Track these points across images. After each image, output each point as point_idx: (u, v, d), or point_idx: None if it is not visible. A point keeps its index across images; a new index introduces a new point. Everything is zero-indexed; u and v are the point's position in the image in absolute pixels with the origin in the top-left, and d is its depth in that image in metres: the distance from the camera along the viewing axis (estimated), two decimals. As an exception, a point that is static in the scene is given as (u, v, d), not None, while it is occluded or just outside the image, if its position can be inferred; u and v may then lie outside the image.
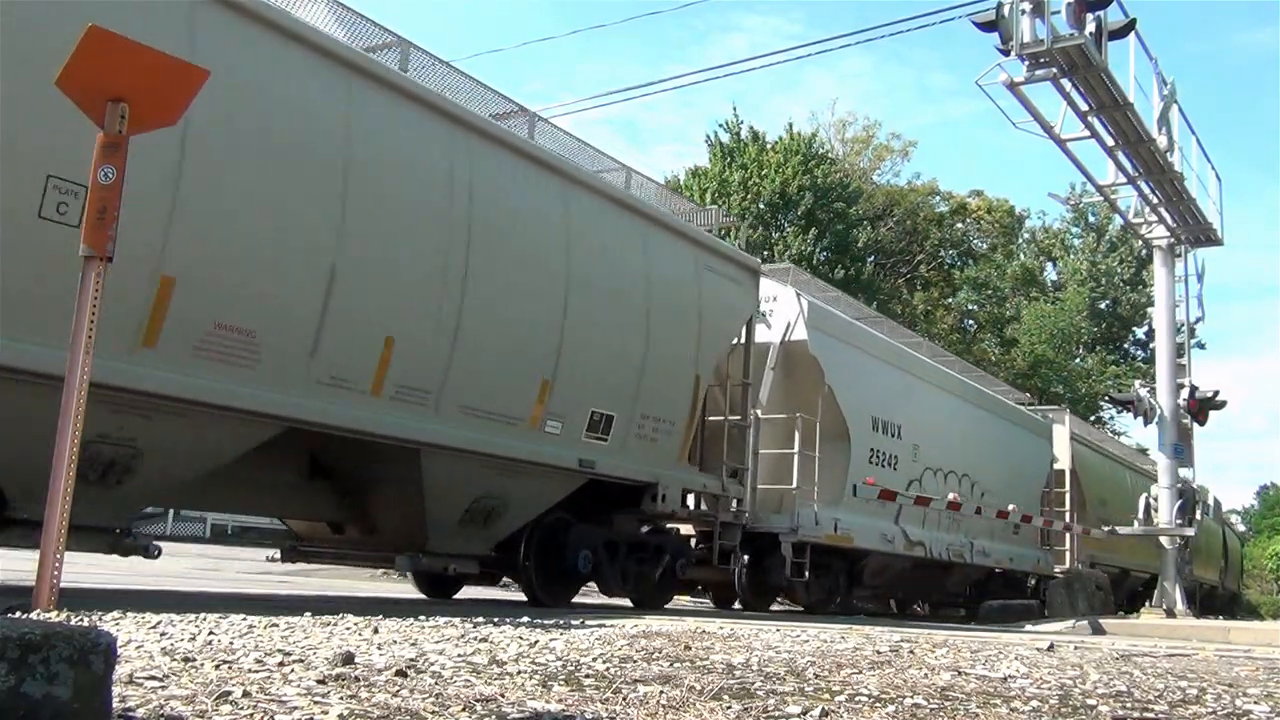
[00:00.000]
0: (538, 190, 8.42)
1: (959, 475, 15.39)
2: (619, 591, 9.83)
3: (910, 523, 13.83)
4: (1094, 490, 21.28)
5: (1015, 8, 11.60)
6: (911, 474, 13.96)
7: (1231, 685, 4.19)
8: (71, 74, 4.42)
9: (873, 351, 13.62)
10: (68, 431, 4.39)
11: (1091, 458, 22.08)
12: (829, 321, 12.58)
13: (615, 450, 9.14)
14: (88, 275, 4.47)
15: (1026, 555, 17.84)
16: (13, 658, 1.74)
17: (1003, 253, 42.59)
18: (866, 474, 12.66)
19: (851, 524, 12.33)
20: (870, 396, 13.15)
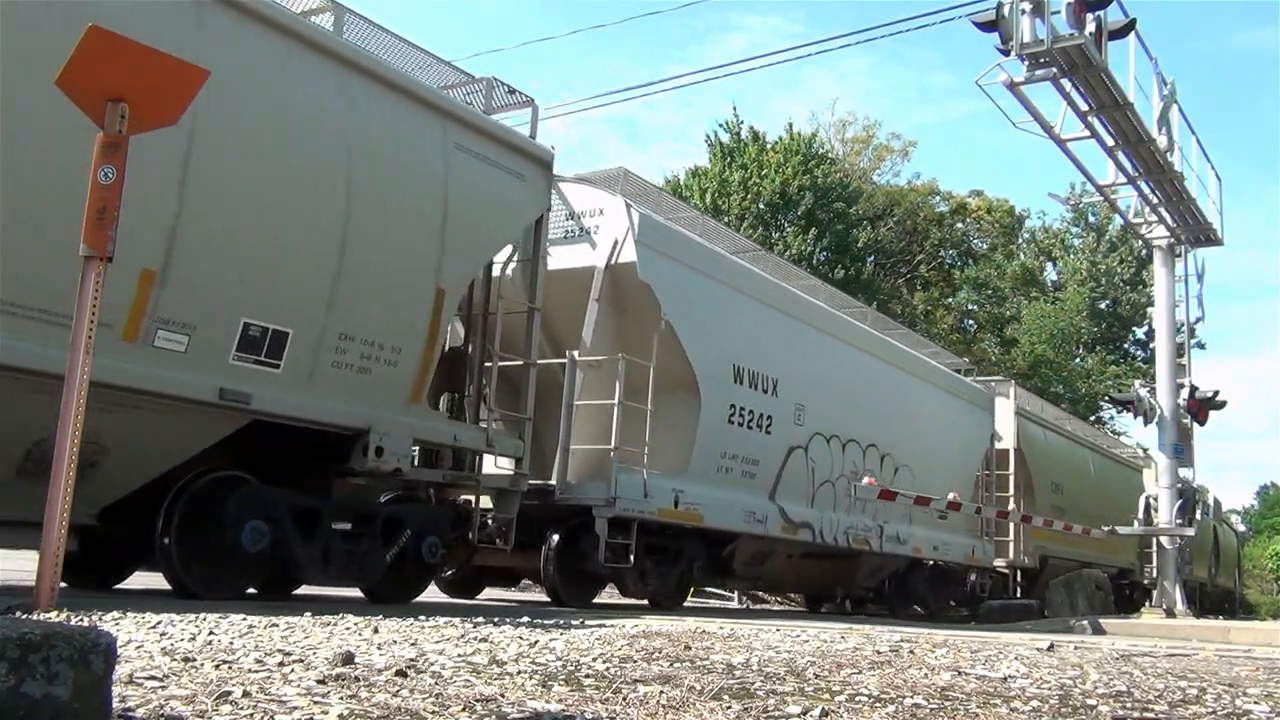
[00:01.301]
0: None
1: (862, 446, 13.11)
2: (322, 578, 7.44)
3: (791, 499, 11.54)
4: (1044, 473, 19.10)
5: (1015, 8, 11.60)
6: (792, 439, 11.57)
7: (1231, 685, 4.19)
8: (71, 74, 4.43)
9: (737, 285, 11.08)
10: (68, 431, 4.39)
11: (1042, 436, 19.74)
12: (669, 241, 10.07)
13: (294, 381, 6.76)
14: (88, 275, 4.47)
15: (956, 544, 15.49)
16: (13, 658, 1.74)
17: (1003, 253, 42.60)
18: (724, 435, 10.48)
19: (702, 498, 10.03)
20: (732, 340, 10.71)
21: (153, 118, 4.71)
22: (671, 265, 9.95)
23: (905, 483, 13.56)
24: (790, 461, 11.58)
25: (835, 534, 12.37)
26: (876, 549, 13.29)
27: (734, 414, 10.67)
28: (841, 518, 12.55)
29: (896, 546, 13.74)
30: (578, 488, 9.16)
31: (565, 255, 9.69)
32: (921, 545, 14.39)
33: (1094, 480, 21.75)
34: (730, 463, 10.60)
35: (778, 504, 11.37)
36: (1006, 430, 17.73)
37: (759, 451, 11.00)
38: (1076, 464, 21.26)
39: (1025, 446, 18.27)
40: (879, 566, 14.32)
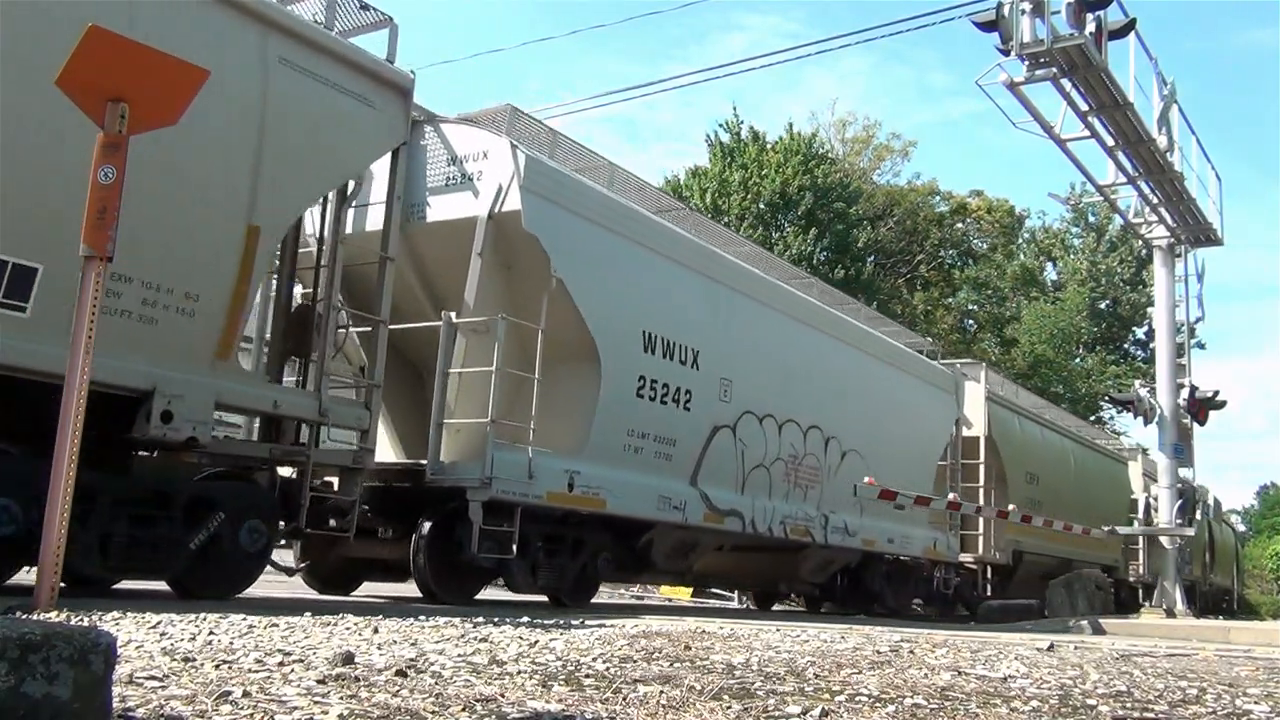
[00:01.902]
0: None
1: (803, 428, 11.80)
2: (100, 569, 6.29)
3: (716, 484, 10.35)
4: (1018, 463, 17.77)
5: (1015, 8, 11.60)
6: (717, 418, 10.36)
7: (1231, 685, 4.19)
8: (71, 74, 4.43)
9: (650, 243, 9.77)
10: (68, 431, 4.39)
11: (1017, 424, 18.33)
12: (564, 188, 8.83)
13: (45, 329, 5.54)
14: (88, 275, 4.48)
15: (915, 537, 14.19)
16: (13, 658, 1.74)
17: (1003, 253, 42.62)
18: (632, 411, 9.32)
19: (605, 481, 8.89)
20: (642, 304, 9.53)
21: (153, 118, 4.71)
22: (566, 216, 8.70)
23: (853, 469, 12.52)
24: (715, 442, 10.31)
25: (770, 524, 11.08)
26: (820, 541, 11.98)
27: (644, 387, 9.37)
28: (778, 506, 11.26)
29: (844, 539, 12.44)
30: (451, 468, 8.06)
31: (446, 205, 8.61)
32: (874, 538, 13.11)
33: (1075, 472, 20.64)
34: (640, 442, 9.37)
35: (700, 489, 10.12)
36: (976, 416, 16.46)
37: (676, 430, 9.78)
38: (1055, 455, 20.00)
39: (997, 434, 16.99)
40: (827, 560, 13.12)
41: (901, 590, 14.61)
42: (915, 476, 14.01)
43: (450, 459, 8.18)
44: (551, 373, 8.57)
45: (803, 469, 11.83)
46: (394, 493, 8.36)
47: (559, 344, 8.59)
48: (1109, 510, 20.92)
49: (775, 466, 11.32)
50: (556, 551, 9.02)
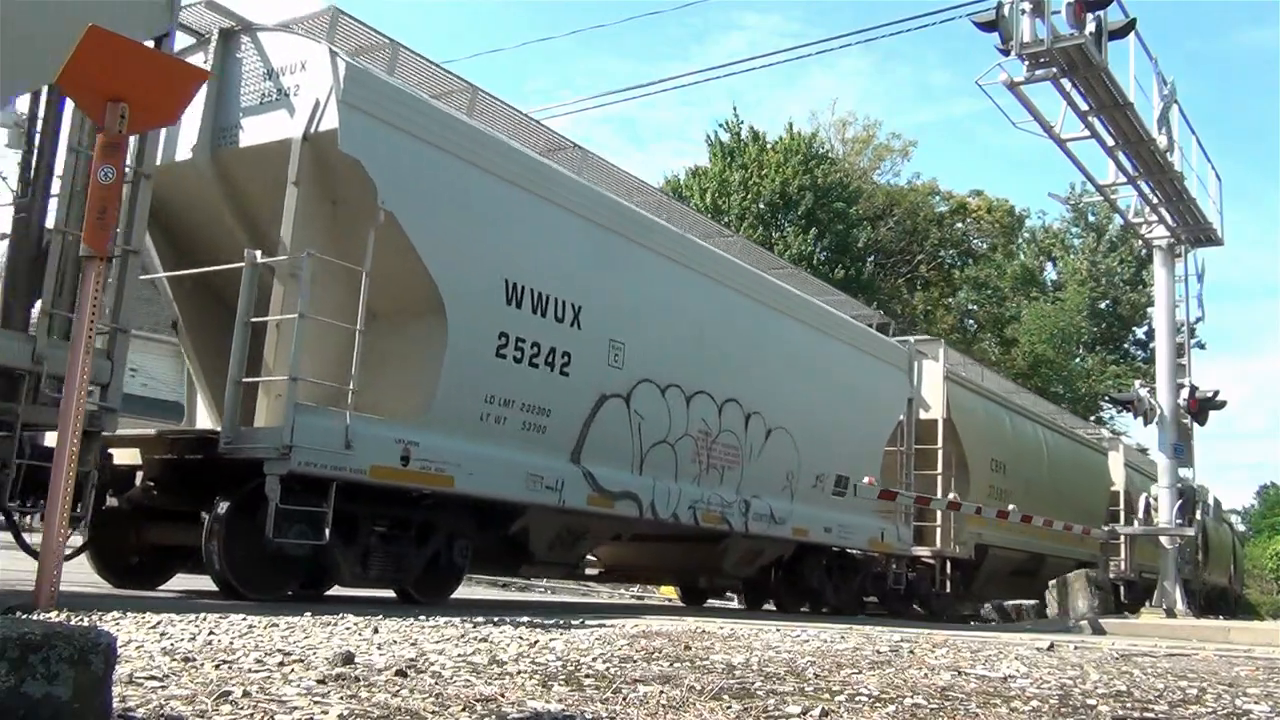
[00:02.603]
0: None
1: (718, 401, 10.46)
2: None
3: (605, 462, 9.02)
4: (982, 449, 16.36)
5: (1015, 8, 11.60)
6: (606, 385, 9.08)
7: (1231, 685, 4.19)
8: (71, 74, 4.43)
9: (519, 178, 8.32)
10: (68, 431, 4.39)
11: (981, 407, 16.81)
12: (397, 105, 7.38)
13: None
14: (88, 275, 4.48)
15: (858, 527, 12.75)
16: (13, 658, 1.74)
17: (1003, 253, 42.64)
18: (492, 374, 7.94)
19: (454, 454, 7.60)
20: (506, 249, 8.19)
21: (153, 118, 4.72)
22: (401, 138, 7.30)
23: (780, 450, 11.34)
24: (603, 414, 9.00)
25: (675, 509, 9.78)
26: (739, 529, 10.70)
27: (507, 346, 8.04)
28: (685, 489, 9.94)
29: (771, 527, 11.13)
30: (249, 436, 6.80)
31: (260, 126, 7.35)
32: (807, 526, 11.75)
33: (1048, 461, 19.29)
34: (504, 411, 8.05)
35: (584, 468, 8.80)
36: (934, 397, 15.09)
37: (551, 398, 8.47)
38: (1025, 442, 18.48)
39: (957, 417, 15.49)
40: (755, 551, 11.71)
41: (846, 586, 13.36)
42: (858, 461, 12.80)
43: (256, 425, 7.01)
44: (388, 327, 7.47)
45: (718, 448, 10.45)
46: (188, 467, 7.09)
47: (396, 292, 7.40)
48: (1086, 502, 20.25)
49: (682, 444, 9.98)
50: (396, 538, 7.65)
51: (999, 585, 17.09)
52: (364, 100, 7.12)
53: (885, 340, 14.23)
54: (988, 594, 17.40)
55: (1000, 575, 17.09)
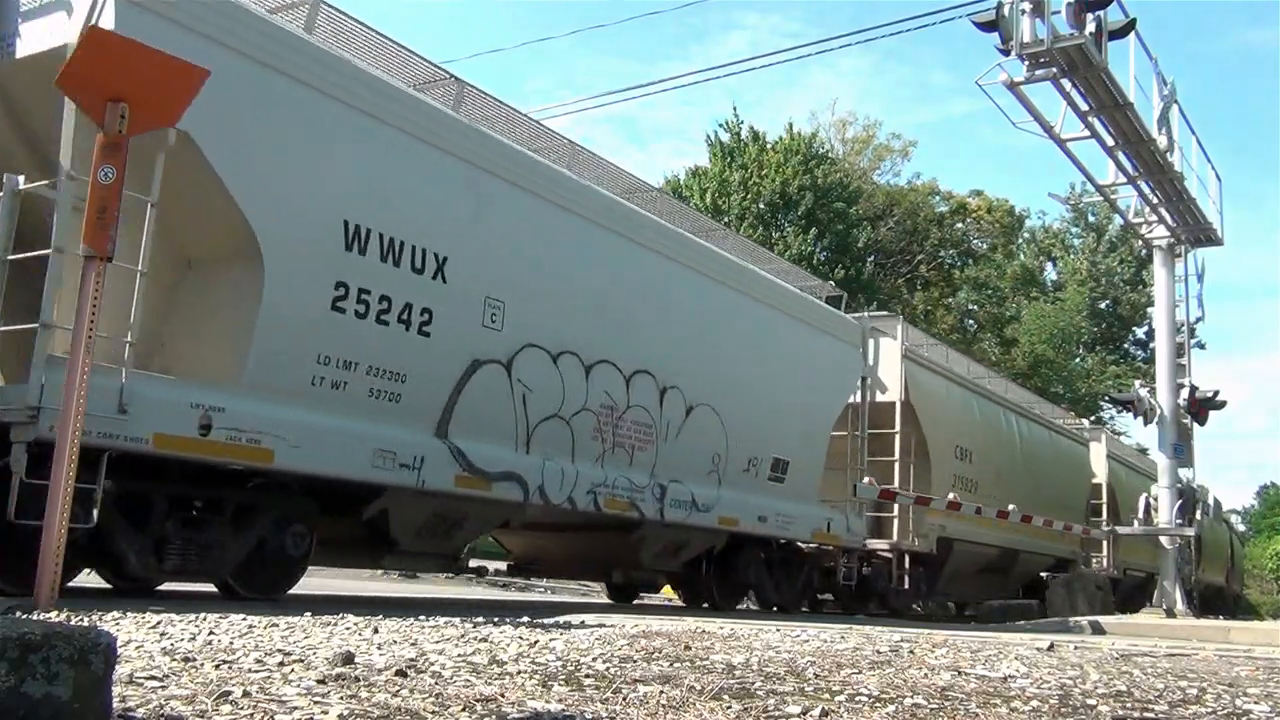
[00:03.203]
0: None
1: (625, 373, 9.33)
2: None
3: (480, 438, 7.92)
4: (945, 435, 15.19)
5: (1015, 8, 11.61)
6: (479, 349, 7.92)
7: (1231, 685, 4.19)
8: (71, 74, 4.43)
9: (363, 104, 7.09)
10: (68, 431, 4.39)
11: (943, 390, 15.65)
12: (195, 6, 6.12)
13: None
14: (88, 275, 4.48)
15: (799, 516, 11.61)
16: (13, 658, 1.74)
17: (1003, 253, 42.65)
18: (326, 330, 6.76)
19: (274, 423, 6.48)
20: (346, 186, 7.02)
21: (152, 118, 4.72)
22: (202, 45, 5.96)
23: (704, 430, 10.23)
24: (476, 382, 7.88)
25: (572, 493, 8.70)
26: (652, 516, 9.56)
27: (347, 299, 6.86)
28: (585, 471, 8.83)
29: (692, 515, 10.03)
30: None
31: (38, 32, 6.20)
32: (737, 515, 10.64)
33: (1022, 451, 18.11)
34: (344, 374, 6.87)
35: (452, 443, 7.70)
36: (891, 378, 13.97)
37: (407, 361, 7.31)
38: (995, 429, 17.23)
39: (917, 400, 14.33)
40: (677, 542, 10.47)
41: (789, 581, 12.21)
42: (800, 444, 11.76)
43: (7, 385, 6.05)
44: (205, 277, 6.59)
45: (626, 425, 9.32)
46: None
47: (208, 234, 6.48)
48: (1065, 495, 19.40)
49: (581, 420, 8.85)
50: (205, 523, 6.55)
51: (967, 582, 16.30)
52: None
53: (835, 314, 12.96)
54: (955, 591, 16.59)
55: (968, 571, 16.07)
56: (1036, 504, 16.77)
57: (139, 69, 4.57)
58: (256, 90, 6.47)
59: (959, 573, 15.66)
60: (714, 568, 11.31)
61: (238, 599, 6.74)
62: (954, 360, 17.39)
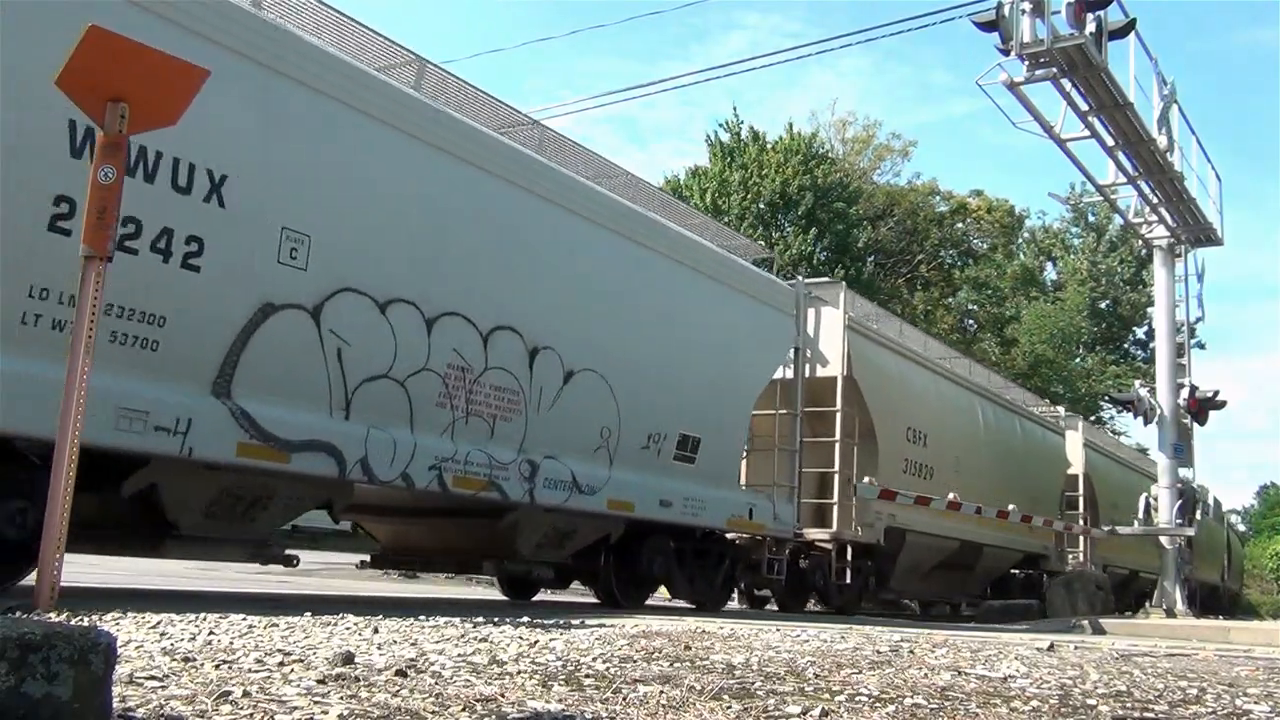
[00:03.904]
0: None
1: (481, 329, 7.89)
2: None
3: (276, 399, 6.52)
4: (895, 415, 13.88)
5: (1015, 8, 11.61)
6: (271, 290, 6.52)
7: (1231, 685, 4.19)
8: (71, 74, 4.43)
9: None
10: (68, 431, 4.39)
11: (894, 365, 14.29)
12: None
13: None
14: (88, 275, 4.48)
15: (715, 501, 10.26)
16: (13, 658, 1.74)
17: (1003, 253, 42.66)
18: (44, 254, 5.37)
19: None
20: None
21: (153, 118, 4.71)
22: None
23: (589, 400, 8.90)
24: (269, 331, 6.49)
25: (406, 468, 7.27)
26: (518, 498, 8.16)
27: (73, 217, 5.38)
28: (427, 442, 7.39)
29: (574, 498, 8.66)
30: None
31: None
32: (634, 499, 9.28)
33: (986, 437, 16.73)
34: (62, 311, 5.41)
35: (234, 404, 6.30)
36: (832, 351, 12.63)
37: (165, 300, 5.95)
38: (955, 411, 15.80)
39: (863, 375, 12.96)
40: (561, 530, 9.09)
41: (705, 575, 10.81)
42: (715, 419, 10.42)
43: None
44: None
45: (484, 391, 7.90)
46: None
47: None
48: (1037, 486, 18.19)
49: (420, 382, 7.44)
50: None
51: (925, 578, 15.11)
52: None
53: (763, 276, 11.64)
54: (913, 588, 15.45)
55: (924, 566, 14.81)
56: (1004, 495, 15.65)
57: (139, 69, 4.57)
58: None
59: (915, 567, 14.52)
60: (613, 558, 9.85)
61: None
62: (911, 337, 15.94)
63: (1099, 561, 20.05)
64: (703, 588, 10.81)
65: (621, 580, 10.00)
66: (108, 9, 5.46)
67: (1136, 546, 19.68)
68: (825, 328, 12.68)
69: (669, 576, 10.46)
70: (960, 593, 17.09)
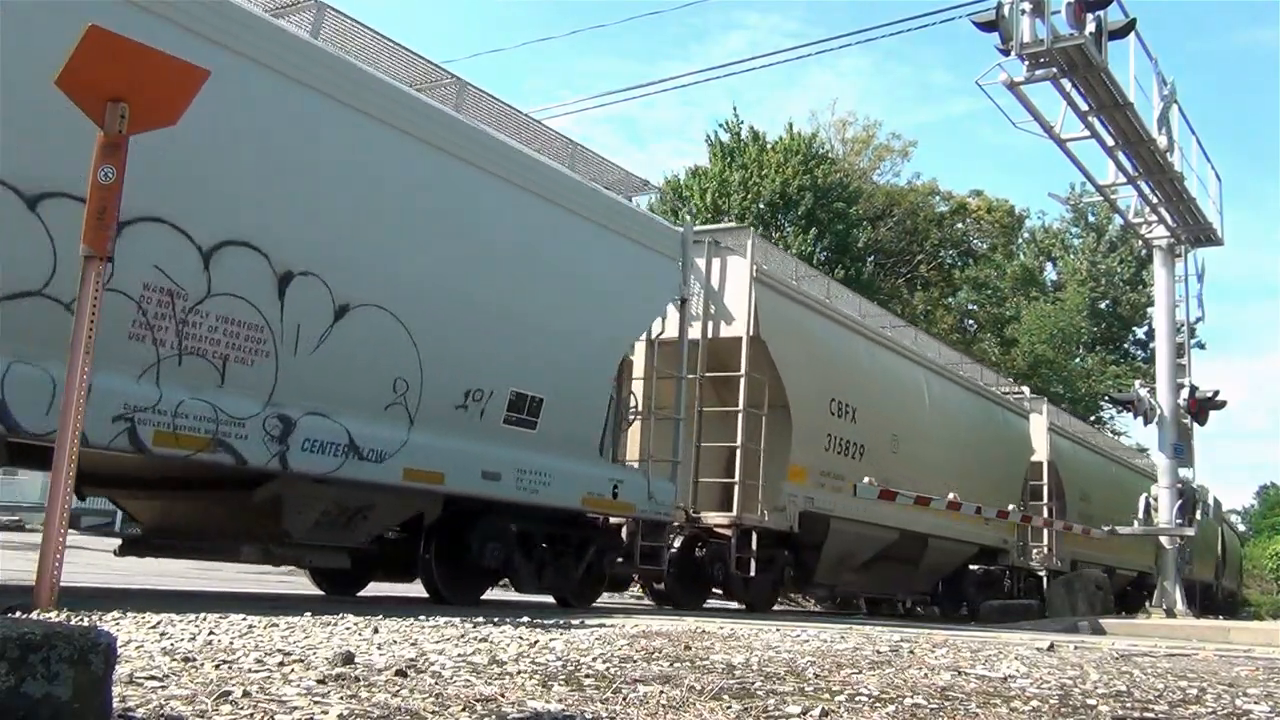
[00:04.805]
0: None
1: (201, 242, 6.23)
2: None
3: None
4: (813, 383, 12.04)
5: (1015, 8, 11.62)
6: None
7: (1231, 685, 4.19)
8: (71, 74, 4.43)
9: None
10: (68, 431, 4.39)
11: (815, 326, 12.47)
12: None
13: None
14: (88, 275, 4.48)
15: (563, 475, 8.56)
16: (13, 657, 1.74)
17: (1003, 253, 42.65)
18: None
19: None
20: None
21: (153, 118, 4.71)
22: None
23: (373, 342, 7.15)
24: None
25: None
26: (260, 462, 6.55)
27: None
28: (111, 384, 5.73)
29: (350, 465, 6.96)
30: None
31: None
32: (445, 469, 7.57)
33: (932, 414, 14.92)
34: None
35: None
36: (737, 306, 10.99)
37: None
38: (894, 384, 14.06)
39: (772, 336, 11.19)
40: (348, 506, 7.33)
41: (562, 564, 9.13)
42: (561, 378, 8.64)
43: None
44: None
45: (208, 323, 6.26)
46: None
47: None
48: (995, 472, 16.52)
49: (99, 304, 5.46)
50: None
51: (860, 572, 13.55)
52: None
53: (640, 214, 10.09)
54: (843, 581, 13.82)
55: (857, 558, 13.18)
56: (954, 481, 14.23)
57: (139, 69, 4.57)
58: None
59: (844, 559, 12.86)
60: (435, 544, 8.12)
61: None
62: (844, 300, 14.09)
63: (1066, 557, 18.96)
64: (557, 580, 9.10)
65: (446, 571, 8.21)
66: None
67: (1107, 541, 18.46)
68: (731, 280, 11.08)
69: (511, 566, 8.57)
70: (905, 589, 15.65)
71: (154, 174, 5.63)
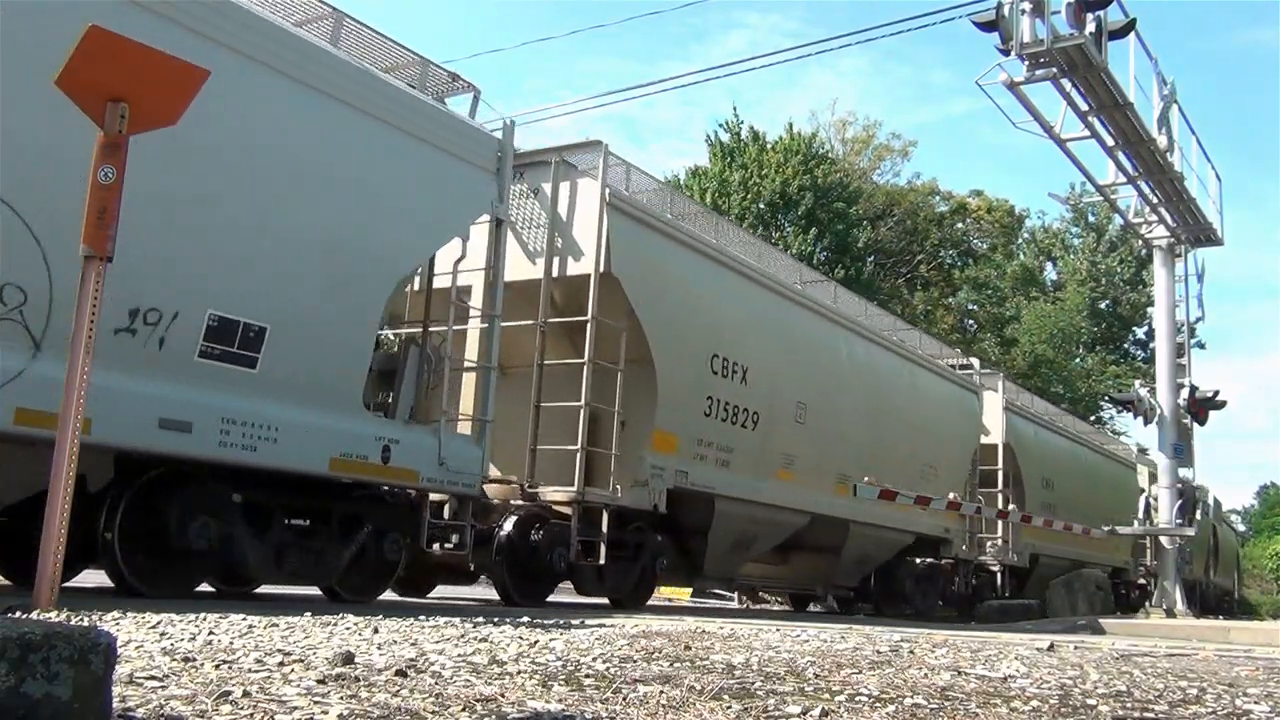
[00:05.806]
0: None
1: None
2: None
3: None
4: (686, 335, 10.09)
5: (1015, 8, 11.62)
6: None
7: (1231, 685, 4.19)
8: (71, 74, 4.43)
9: None
10: (68, 431, 4.39)
11: (690, 266, 10.31)
12: None
13: None
14: (88, 275, 4.48)
15: (295, 429, 6.70)
16: (13, 658, 1.74)
17: (1003, 253, 42.66)
18: None
19: None
20: None
21: (153, 118, 4.71)
22: None
23: (12, 250, 5.35)
24: None
25: None
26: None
27: None
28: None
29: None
30: None
31: None
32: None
33: (857, 384, 12.97)
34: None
35: None
36: (586, 238, 9.17)
37: None
38: (801, 343, 11.95)
39: (628, 273, 9.31)
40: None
41: (323, 549, 7.26)
42: (302, 303, 6.79)
43: None
44: None
45: None
46: None
47: None
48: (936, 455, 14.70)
49: None
50: None
51: (763, 561, 12.04)
52: None
53: (440, 111, 7.98)
54: (740, 572, 11.98)
55: (755, 546, 11.38)
56: (880, 459, 12.66)
57: (139, 69, 4.57)
58: None
59: (738, 546, 11.03)
60: (120, 521, 6.23)
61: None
62: (737, 243, 11.79)
63: (1025, 549, 17.47)
64: (305, 567, 7.16)
65: (134, 556, 6.31)
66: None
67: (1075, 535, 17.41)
68: (581, 206, 9.24)
69: (231, 549, 6.67)
70: (825, 583, 13.76)
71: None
